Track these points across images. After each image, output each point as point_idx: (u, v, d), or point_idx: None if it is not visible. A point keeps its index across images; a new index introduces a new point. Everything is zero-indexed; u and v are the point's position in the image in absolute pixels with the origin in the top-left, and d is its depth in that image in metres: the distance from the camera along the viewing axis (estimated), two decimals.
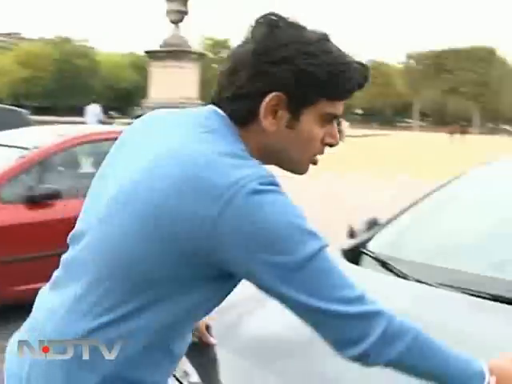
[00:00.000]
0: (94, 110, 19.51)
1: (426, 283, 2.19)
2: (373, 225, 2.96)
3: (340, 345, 1.23)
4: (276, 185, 1.20)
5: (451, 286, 2.14)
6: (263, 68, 1.27)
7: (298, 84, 1.27)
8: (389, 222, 2.89)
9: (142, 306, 1.21)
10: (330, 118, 1.36)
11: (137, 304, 1.21)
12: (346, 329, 1.20)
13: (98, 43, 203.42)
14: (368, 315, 1.21)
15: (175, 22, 20.24)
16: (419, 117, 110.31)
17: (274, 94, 1.27)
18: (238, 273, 1.23)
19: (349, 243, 2.79)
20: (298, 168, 1.40)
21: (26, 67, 78.00)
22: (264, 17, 1.33)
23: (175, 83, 18.52)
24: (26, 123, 10.61)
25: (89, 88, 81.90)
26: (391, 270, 2.34)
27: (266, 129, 1.30)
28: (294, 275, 1.17)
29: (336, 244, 2.70)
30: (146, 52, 21.14)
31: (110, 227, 1.23)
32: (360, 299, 1.21)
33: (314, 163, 1.40)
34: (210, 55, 76.35)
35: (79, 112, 24.32)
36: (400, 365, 1.26)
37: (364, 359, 1.23)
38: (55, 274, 1.37)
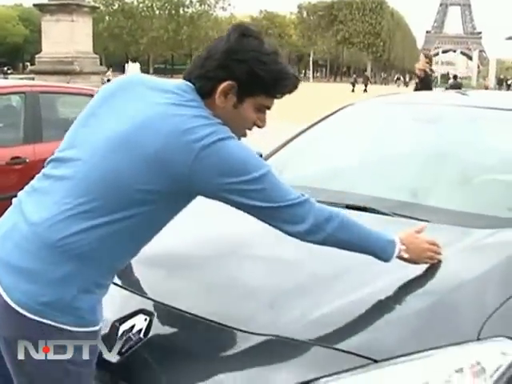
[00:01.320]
0: None
1: None
2: None
3: (290, 225, 1.79)
4: (233, 136, 1.73)
5: (320, 202, 2.72)
6: (227, 63, 1.76)
7: (248, 80, 1.76)
8: (271, 154, 3.44)
9: (124, 216, 1.68)
10: (263, 108, 1.86)
11: (122, 217, 1.67)
12: (291, 215, 1.77)
13: None
14: (306, 201, 1.78)
15: None
16: (313, 67, 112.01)
17: (228, 82, 1.76)
18: (207, 194, 1.76)
19: None
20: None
21: None
22: (240, 26, 1.83)
23: (69, 37, 18.27)
24: None
25: None
26: None
27: (217, 104, 1.78)
28: (254, 188, 1.71)
29: None
30: (35, 5, 20.52)
31: (104, 160, 1.69)
32: (299, 196, 1.78)
33: (244, 136, 1.89)
34: (102, 7, 74.37)
35: None
36: (337, 238, 1.84)
37: (311, 235, 1.80)
38: (37, 183, 1.79)
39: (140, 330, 1.93)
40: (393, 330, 1.79)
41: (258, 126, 1.90)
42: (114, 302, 2.15)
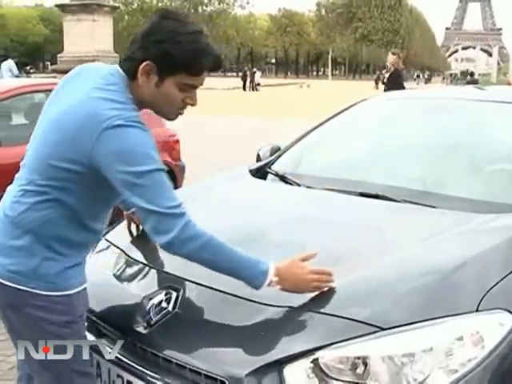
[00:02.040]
0: (8, 66, 19.41)
1: (313, 188, 2.96)
2: (276, 151, 3.69)
3: (155, 234, 1.86)
4: (138, 123, 1.82)
5: (330, 189, 2.90)
6: (145, 44, 1.87)
7: (164, 60, 1.85)
8: (288, 148, 3.62)
9: (62, 195, 1.88)
10: (188, 87, 1.93)
11: (56, 194, 1.88)
12: (159, 223, 1.84)
13: None
14: (179, 215, 1.84)
15: None
16: (332, 65, 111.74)
17: (147, 62, 1.85)
18: (110, 180, 1.84)
19: (256, 165, 3.51)
20: (164, 115, 2.02)
21: None
22: (161, 10, 1.93)
23: (90, 37, 18.53)
24: None
25: None
26: (287, 182, 3.09)
27: (141, 84, 1.89)
28: (137, 182, 1.79)
29: (246, 166, 3.44)
30: (57, 6, 20.80)
31: (45, 143, 1.90)
32: (177, 207, 1.84)
33: (180, 114, 2.01)
34: (121, 7, 74.82)
35: None
36: (200, 257, 1.92)
37: (171, 247, 1.88)
38: (17, 174, 2.01)
39: (168, 304, 2.12)
40: (399, 302, 1.96)
41: (190, 105, 1.99)
42: (144, 279, 2.35)
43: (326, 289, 2.02)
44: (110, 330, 2.22)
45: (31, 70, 32.91)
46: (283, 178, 3.15)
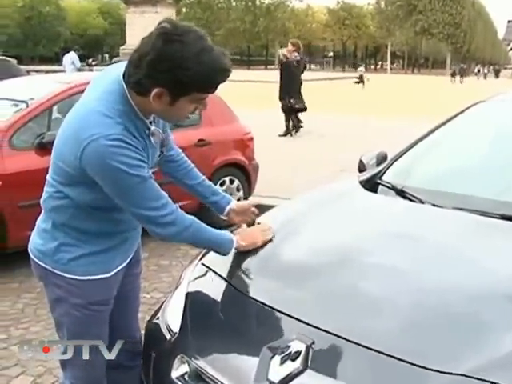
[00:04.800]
0: (71, 58, 19.52)
1: (440, 206, 2.51)
2: (383, 159, 3.26)
3: (151, 230, 2.06)
4: (118, 140, 1.88)
5: (461, 209, 2.46)
6: (152, 73, 1.85)
7: (175, 86, 1.87)
8: (399, 155, 3.18)
9: (67, 190, 2.04)
10: (200, 100, 1.98)
11: (62, 188, 2.05)
12: (148, 223, 2.04)
13: None
14: (164, 216, 2.02)
15: None
16: (390, 59, 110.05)
17: (158, 89, 1.87)
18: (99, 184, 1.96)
19: (366, 175, 3.08)
20: (172, 122, 2.24)
21: None
22: (162, 33, 1.84)
23: (152, 29, 18.42)
24: (18, 73, 10.63)
25: (56, 36, 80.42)
26: (406, 197, 2.65)
27: (153, 105, 1.92)
28: (117, 192, 1.97)
29: (354, 176, 3.04)
30: None
31: (57, 142, 2.03)
32: (160, 208, 2.01)
33: (187, 118, 2.08)
34: None
35: (49, 60, 23.59)
36: (184, 240, 2.15)
37: (161, 238, 2.10)
38: None
39: (296, 360, 1.72)
40: None
41: (200, 109, 2.07)
42: (262, 323, 1.96)
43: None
44: (219, 382, 1.84)
45: (93, 63, 32.69)
46: (401, 193, 2.71)
